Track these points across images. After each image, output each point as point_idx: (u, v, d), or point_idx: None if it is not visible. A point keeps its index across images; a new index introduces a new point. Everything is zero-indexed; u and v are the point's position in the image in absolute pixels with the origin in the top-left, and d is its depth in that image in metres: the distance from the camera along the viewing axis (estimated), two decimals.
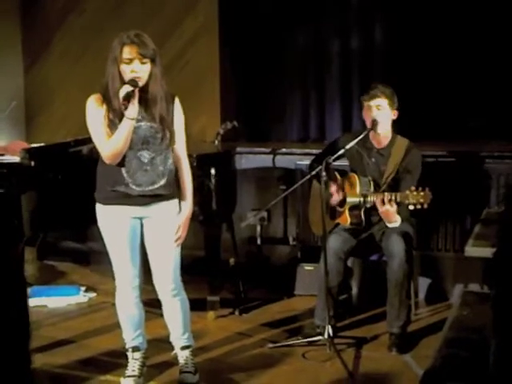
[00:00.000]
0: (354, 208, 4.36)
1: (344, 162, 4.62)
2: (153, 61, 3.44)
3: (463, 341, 2.61)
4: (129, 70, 3.40)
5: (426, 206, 3.99)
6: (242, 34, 6.38)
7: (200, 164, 4.58)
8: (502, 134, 5.54)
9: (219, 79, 6.34)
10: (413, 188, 4.02)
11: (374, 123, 4.31)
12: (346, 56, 6.21)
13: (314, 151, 5.08)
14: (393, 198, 4.10)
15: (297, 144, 6.17)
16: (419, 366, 3.94)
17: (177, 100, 3.62)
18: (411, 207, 4.02)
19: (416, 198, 3.98)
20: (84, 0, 6.73)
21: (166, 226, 3.62)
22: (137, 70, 3.41)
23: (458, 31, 5.73)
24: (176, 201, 3.65)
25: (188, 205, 3.67)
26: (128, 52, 3.40)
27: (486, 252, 3.07)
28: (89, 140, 3.73)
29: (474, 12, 5.67)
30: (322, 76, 6.31)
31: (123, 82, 3.41)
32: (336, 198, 4.46)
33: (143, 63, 3.42)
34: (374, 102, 4.32)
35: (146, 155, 3.52)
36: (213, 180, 4.66)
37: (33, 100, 6.98)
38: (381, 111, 4.32)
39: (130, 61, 3.40)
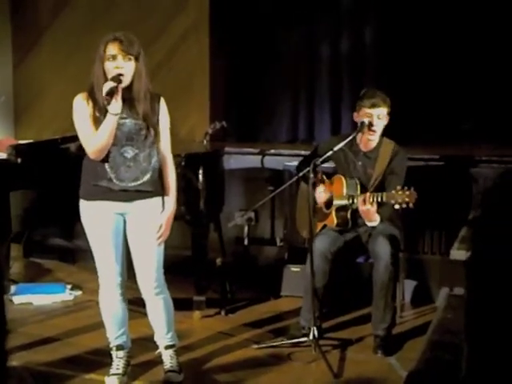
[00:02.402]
0: (341, 209, 4.36)
1: (332, 165, 4.62)
2: (136, 59, 3.46)
3: (447, 344, 2.62)
4: (112, 67, 3.43)
5: (411, 205, 3.95)
6: (233, 34, 6.37)
7: (188, 163, 4.57)
8: (492, 137, 5.55)
9: (209, 79, 6.33)
10: (398, 187, 3.99)
11: (362, 125, 4.30)
12: (336, 58, 6.22)
13: (303, 152, 5.08)
14: (377, 198, 4.07)
15: (285, 145, 6.17)
16: (404, 369, 3.94)
17: (162, 100, 3.64)
18: (397, 206, 3.99)
19: (401, 197, 3.95)
20: None
21: (149, 223, 3.61)
22: (120, 65, 3.43)
23: (448, 35, 5.74)
24: (159, 199, 3.64)
25: (171, 203, 3.66)
26: (112, 49, 3.43)
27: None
28: (77, 137, 3.74)
29: (466, 15, 5.68)
30: (312, 77, 6.31)
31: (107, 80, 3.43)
32: (322, 199, 4.46)
33: (127, 60, 3.44)
34: (375, 111, 4.25)
35: (129, 151, 3.53)
36: (201, 180, 4.65)
37: (22, 96, 6.94)
38: (380, 120, 4.31)
39: (114, 57, 3.43)
